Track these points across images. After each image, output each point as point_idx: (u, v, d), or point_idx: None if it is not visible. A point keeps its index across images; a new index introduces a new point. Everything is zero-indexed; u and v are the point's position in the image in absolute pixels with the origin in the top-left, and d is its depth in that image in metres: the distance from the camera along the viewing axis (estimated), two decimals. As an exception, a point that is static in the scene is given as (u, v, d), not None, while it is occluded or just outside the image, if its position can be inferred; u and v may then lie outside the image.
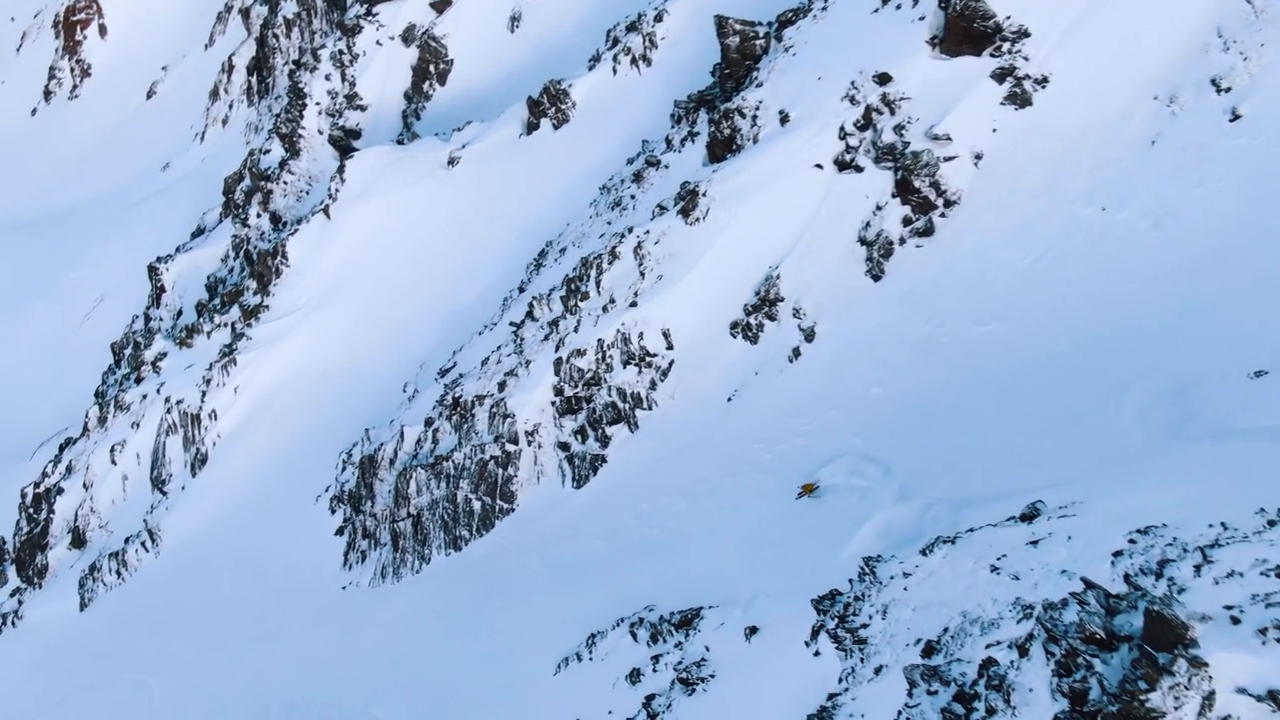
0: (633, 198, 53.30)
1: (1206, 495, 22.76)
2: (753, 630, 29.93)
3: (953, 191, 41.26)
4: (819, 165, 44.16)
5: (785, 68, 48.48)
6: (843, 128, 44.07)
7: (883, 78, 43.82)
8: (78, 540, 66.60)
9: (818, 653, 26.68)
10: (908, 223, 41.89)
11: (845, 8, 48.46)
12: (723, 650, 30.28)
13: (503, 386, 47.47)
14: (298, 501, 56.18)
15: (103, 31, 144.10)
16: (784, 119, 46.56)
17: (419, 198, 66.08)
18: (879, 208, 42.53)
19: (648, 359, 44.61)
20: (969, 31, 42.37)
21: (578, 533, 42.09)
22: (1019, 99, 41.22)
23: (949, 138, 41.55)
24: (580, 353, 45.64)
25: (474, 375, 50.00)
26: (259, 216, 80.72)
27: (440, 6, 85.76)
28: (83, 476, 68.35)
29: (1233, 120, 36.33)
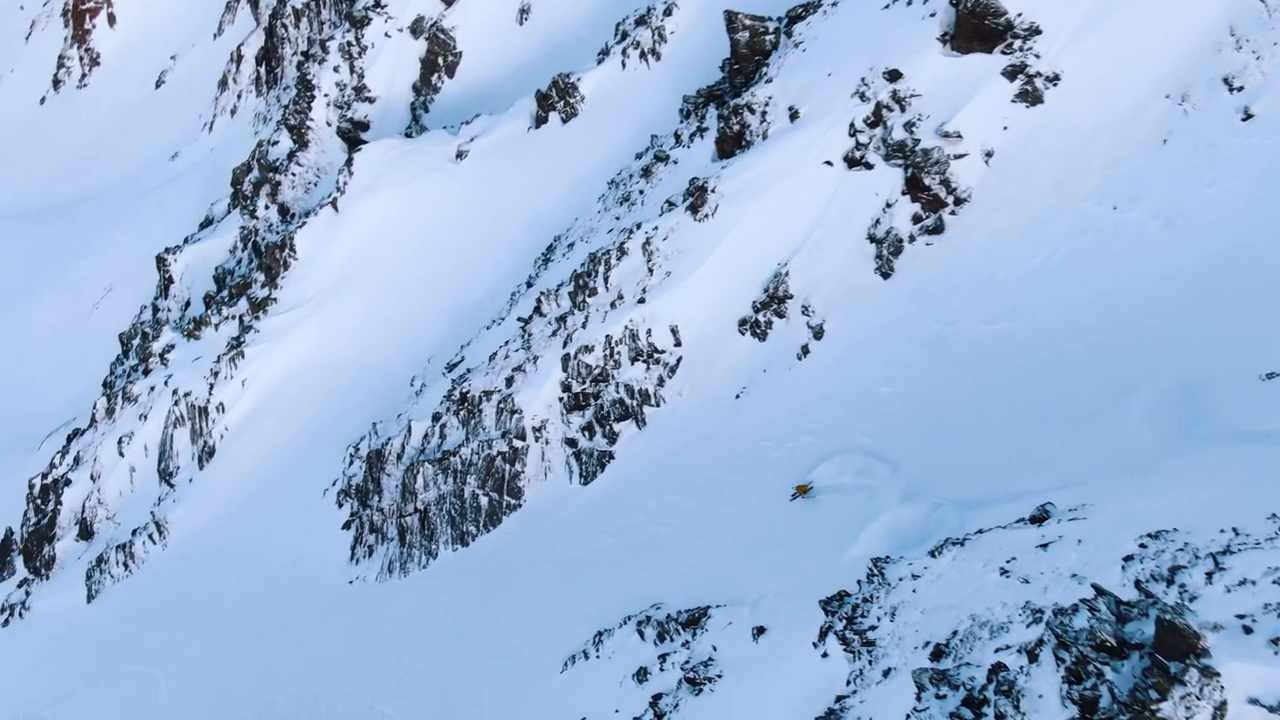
0: (641, 193, 53.18)
1: (1218, 499, 22.61)
2: (760, 630, 29.83)
3: (963, 189, 41.11)
4: (829, 162, 44.00)
5: (795, 63, 48.29)
6: (853, 124, 43.88)
7: (893, 74, 43.65)
8: (85, 532, 66.74)
9: (826, 654, 26.46)
10: (917, 220, 41.75)
11: (856, 4, 48.22)
12: (730, 650, 30.20)
13: (510, 382, 47.44)
14: (305, 495, 56.25)
15: (111, 20, 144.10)
16: (794, 115, 46.41)
17: (427, 191, 66.00)
18: (889, 205, 42.39)
19: (656, 356, 44.54)
20: (980, 28, 42.17)
21: (585, 529, 42.09)
22: (1030, 97, 41.02)
23: (959, 135, 41.38)
24: (588, 349, 45.58)
25: (481, 371, 49.99)
26: (267, 208, 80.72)
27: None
28: (90, 468, 68.48)
29: (1245, 120, 36.08)
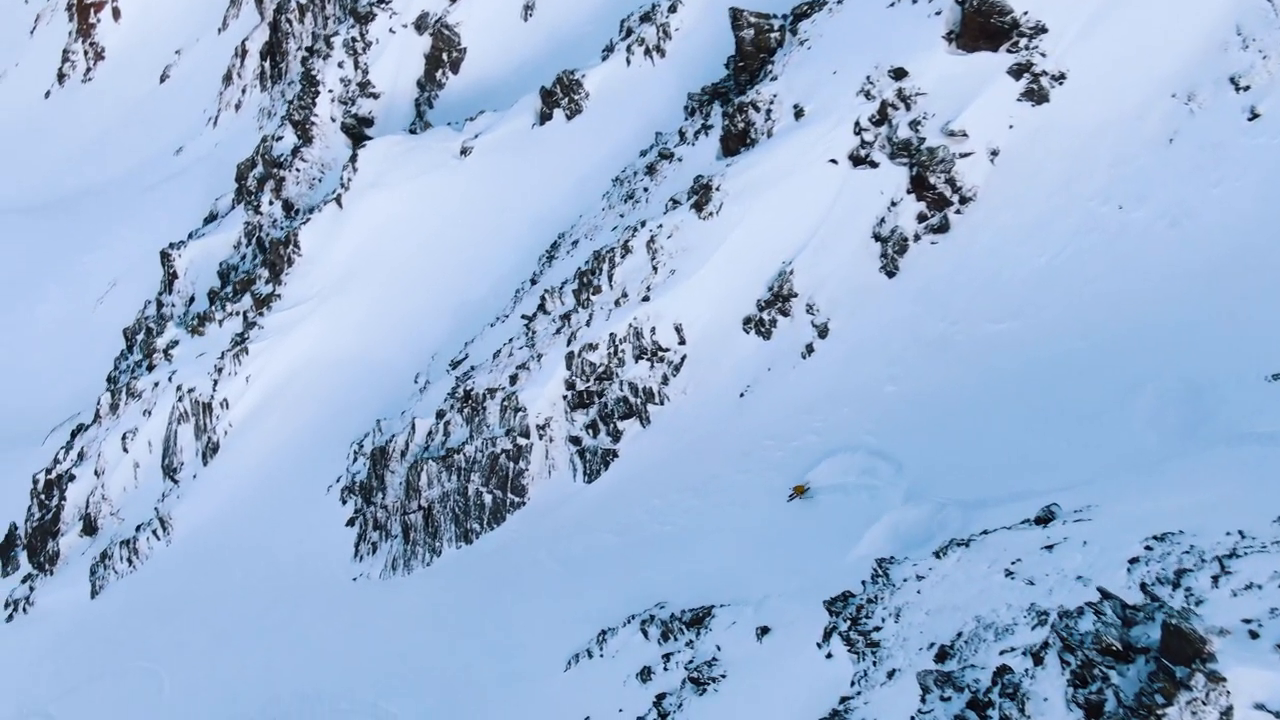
0: (645, 190, 53.10)
1: (1223, 501, 22.59)
2: (764, 630, 29.83)
3: (968, 188, 41.04)
4: (833, 160, 43.93)
5: (800, 61, 48.21)
6: (858, 123, 43.81)
7: (898, 73, 43.55)
8: (89, 527, 66.74)
9: (830, 655, 26.45)
10: (923, 219, 41.67)
11: (861, 1, 48.04)
12: (734, 650, 30.19)
13: (514, 380, 47.42)
14: (309, 492, 56.26)
15: (116, 14, 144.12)
16: (798, 113, 46.33)
17: (431, 188, 65.95)
18: (894, 204, 42.33)
19: (660, 354, 44.51)
20: (986, 27, 42.07)
21: (589, 528, 42.08)
22: (1036, 95, 40.94)
23: (965, 134, 41.31)
24: (592, 347, 45.56)
25: (485, 368, 49.98)
26: (271, 204, 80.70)
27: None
28: (94, 463, 68.45)
29: (1251, 119, 36.02)
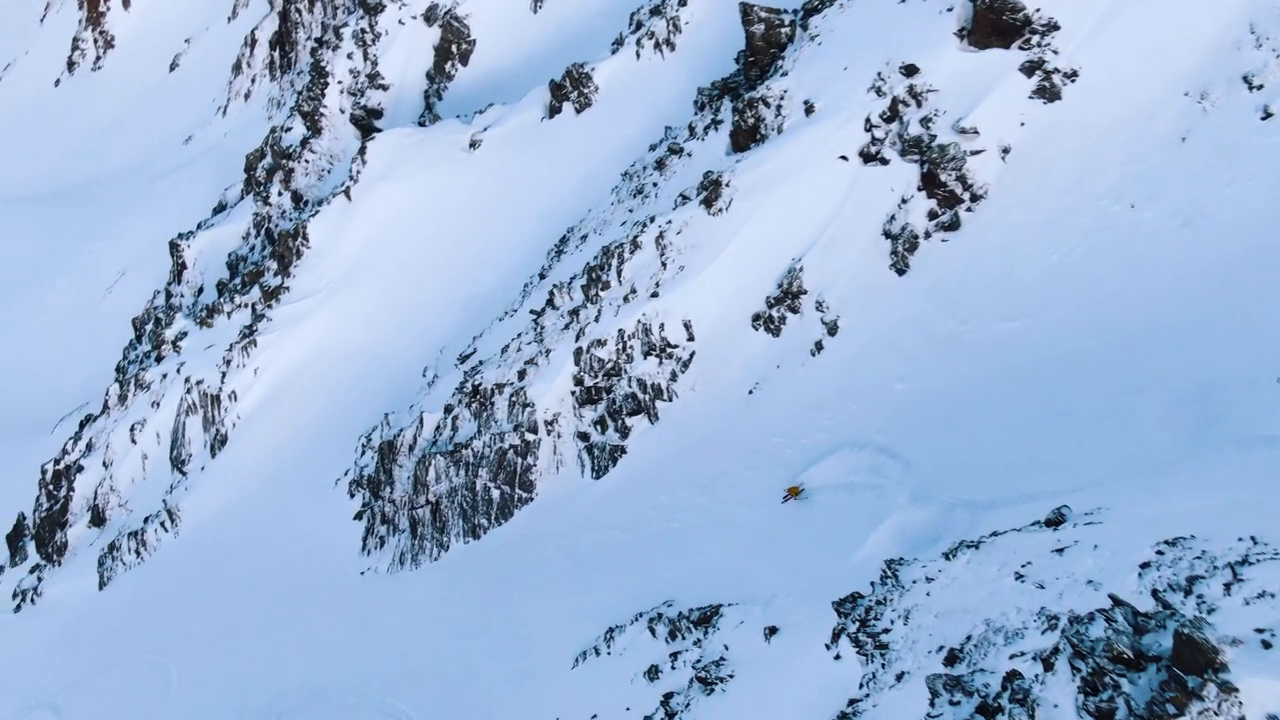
0: (655, 185, 53.00)
1: (1235, 505, 22.47)
2: (772, 630, 29.73)
3: (979, 185, 40.85)
4: (844, 157, 43.79)
5: (811, 57, 48.02)
6: (868, 119, 43.64)
7: (910, 69, 43.36)
8: (97, 518, 66.89)
9: (838, 656, 26.33)
10: (933, 216, 41.50)
11: (872, -4, 48.02)
12: (742, 650, 30.10)
13: (523, 375, 47.36)
14: (317, 485, 56.33)
15: (126, 2, 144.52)
16: (809, 109, 46.16)
17: (440, 180, 65.93)
18: (904, 201, 42.15)
19: (669, 350, 44.40)
20: (998, 24, 41.87)
21: (596, 524, 42.03)
22: (1048, 93, 40.72)
23: (976, 131, 41.10)
24: (601, 343, 45.48)
25: (494, 363, 49.92)
26: (280, 195, 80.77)
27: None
28: (103, 454, 68.62)
29: (1265, 119, 35.72)
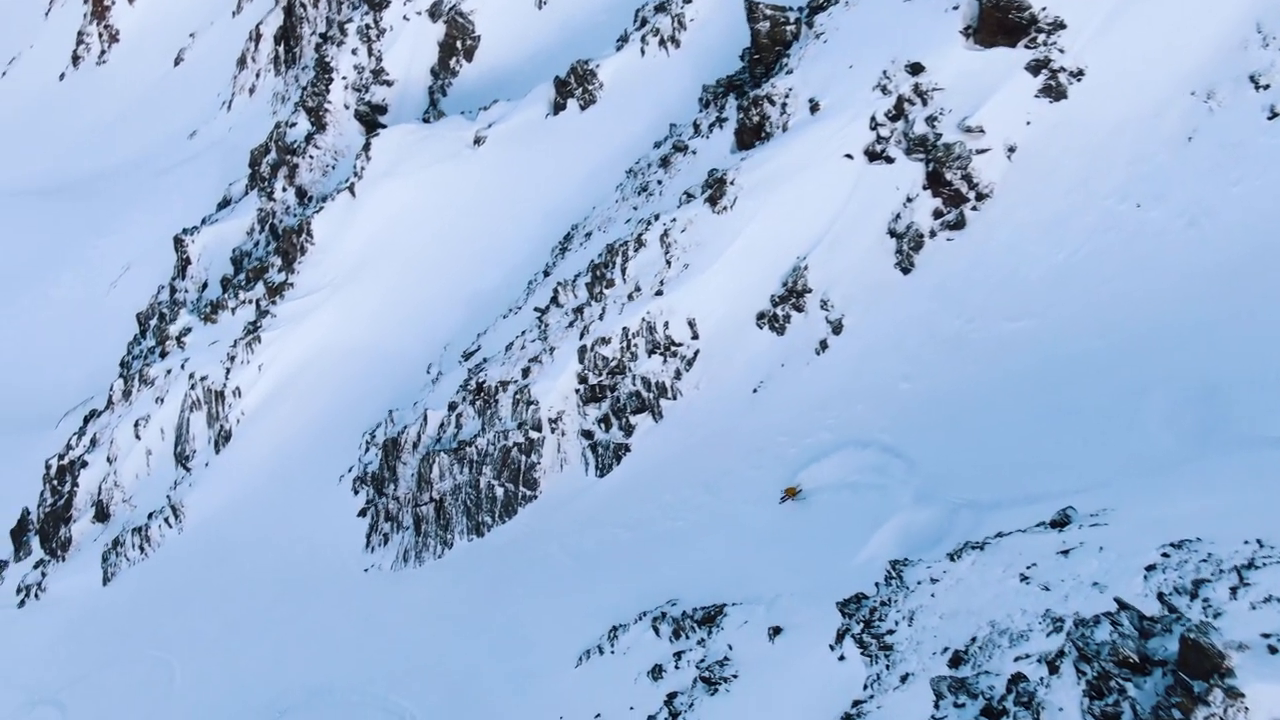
0: (659, 183, 52.93)
1: (1241, 507, 22.41)
2: (776, 630, 29.70)
3: (985, 184, 40.76)
4: (849, 155, 43.71)
5: (816, 55, 47.92)
6: (874, 118, 43.56)
7: (915, 67, 43.27)
8: (101, 514, 66.92)
9: (843, 657, 26.29)
10: (938, 215, 41.41)
11: (878, -6, 47.90)
12: (746, 650, 30.08)
13: (526, 373, 47.33)
14: (321, 481, 56.33)
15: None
16: (814, 107, 46.07)
17: (445, 177, 65.87)
18: (909, 200, 42.07)
19: (673, 348, 44.36)
20: (1004, 22, 41.76)
21: (600, 522, 42.02)
22: (1054, 92, 40.62)
23: (982, 130, 41.01)
24: (605, 341, 45.44)
25: (498, 360, 49.89)
26: (284, 190, 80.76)
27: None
28: (107, 450, 68.65)
29: (1271, 118, 35.61)
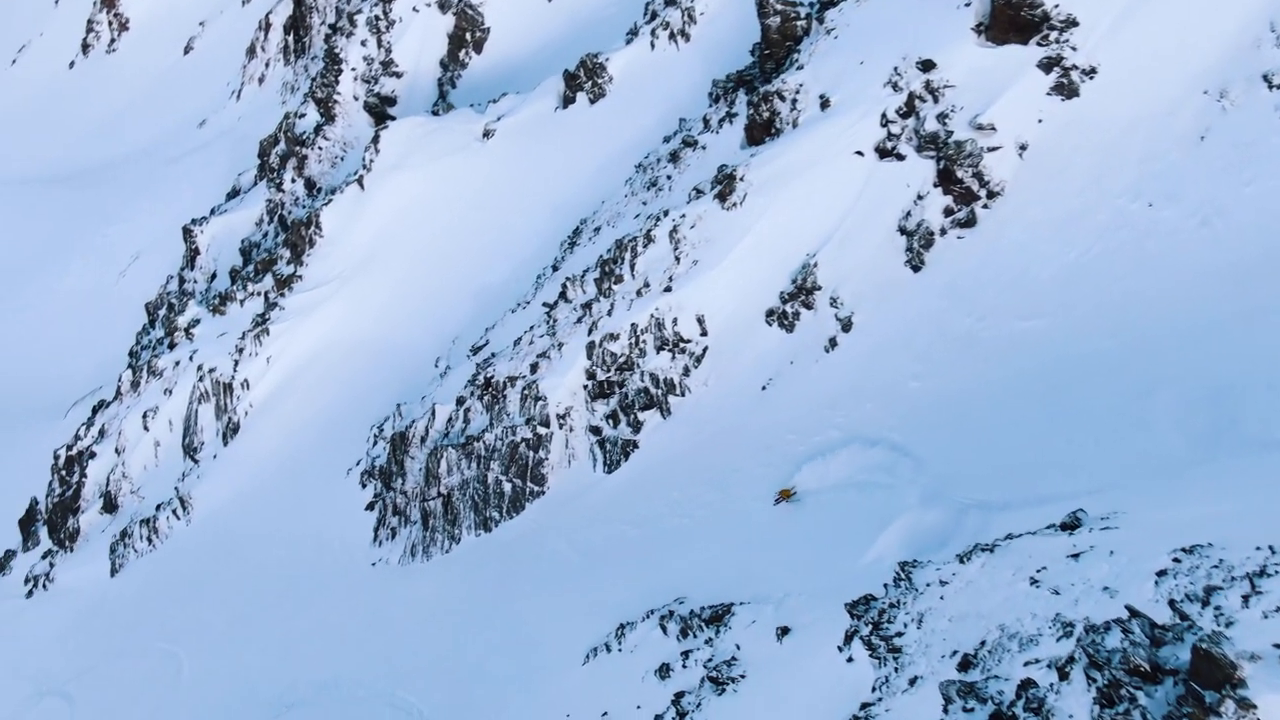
0: (669, 178, 52.79)
1: (1252, 512, 22.34)
2: (784, 631, 29.63)
3: (996, 182, 40.62)
4: (859, 152, 43.56)
5: (827, 51, 47.76)
6: (885, 114, 43.41)
7: (926, 64, 43.12)
8: (109, 505, 66.94)
9: (851, 659, 26.24)
10: (949, 213, 41.29)
11: (889, -10, 47.72)
12: (754, 650, 30.02)
13: (535, 368, 47.28)
14: (329, 474, 56.31)
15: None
16: (824, 103, 45.91)
17: (454, 170, 65.79)
18: (920, 197, 41.93)
19: (682, 345, 44.27)
20: (1016, 19, 41.60)
21: (608, 518, 41.98)
22: (1066, 89, 40.47)
23: (993, 127, 40.87)
24: (613, 337, 45.36)
25: (506, 355, 49.84)
26: (293, 181, 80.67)
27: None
28: (115, 441, 68.63)
29: (1285, 118, 35.58)
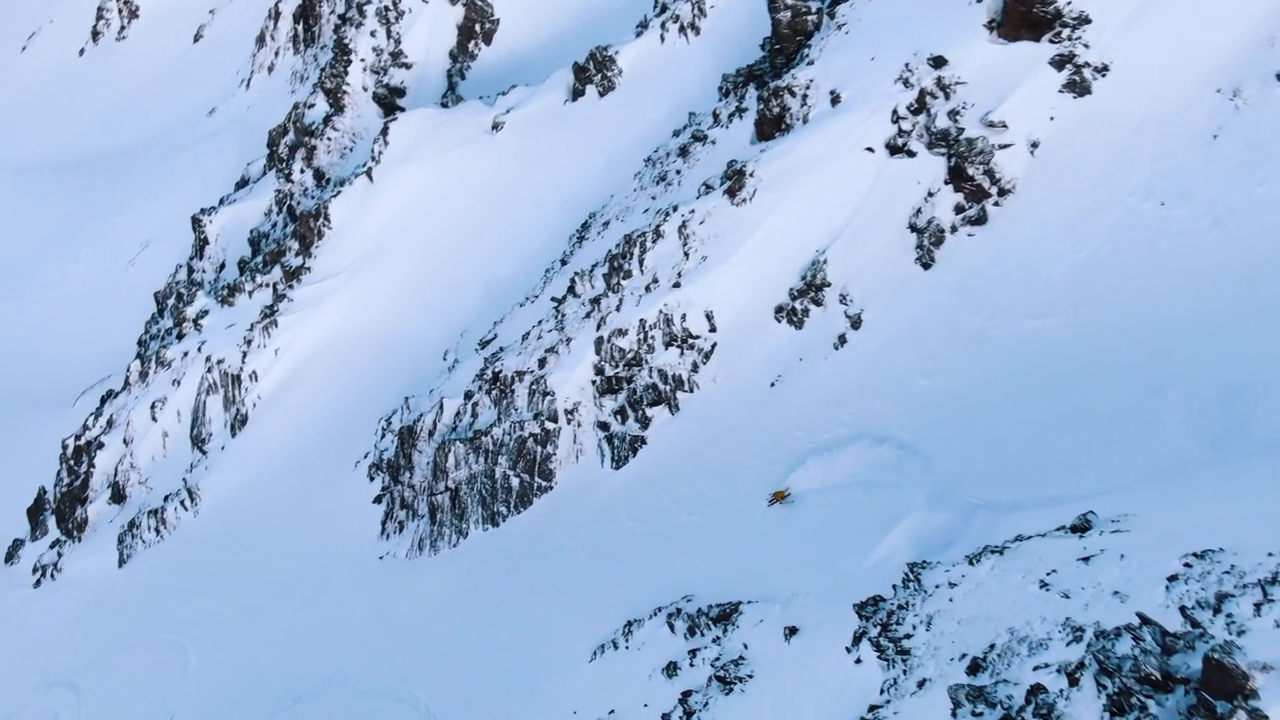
0: (678, 173, 52.69)
1: (1264, 516, 22.20)
2: (792, 631, 29.55)
3: (1007, 180, 40.44)
4: (870, 149, 43.40)
5: (838, 46, 47.59)
6: (895, 111, 43.24)
7: (938, 60, 42.93)
8: (117, 495, 67.12)
9: (859, 660, 26.16)
10: (960, 210, 41.13)
11: (901, -15, 47.50)
12: (761, 649, 29.95)
13: (543, 363, 47.21)
14: (336, 467, 56.37)
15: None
16: (835, 99, 45.75)
17: (462, 163, 65.75)
18: (931, 194, 41.77)
19: (690, 341, 44.19)
20: (1028, 16, 41.37)
21: (615, 514, 41.93)
22: (1078, 87, 40.26)
23: (1005, 125, 40.68)
24: (622, 332, 45.28)
25: (514, 350, 49.79)
26: (302, 172, 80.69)
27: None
28: (123, 432, 68.83)
29: (1299, 117, 35.36)
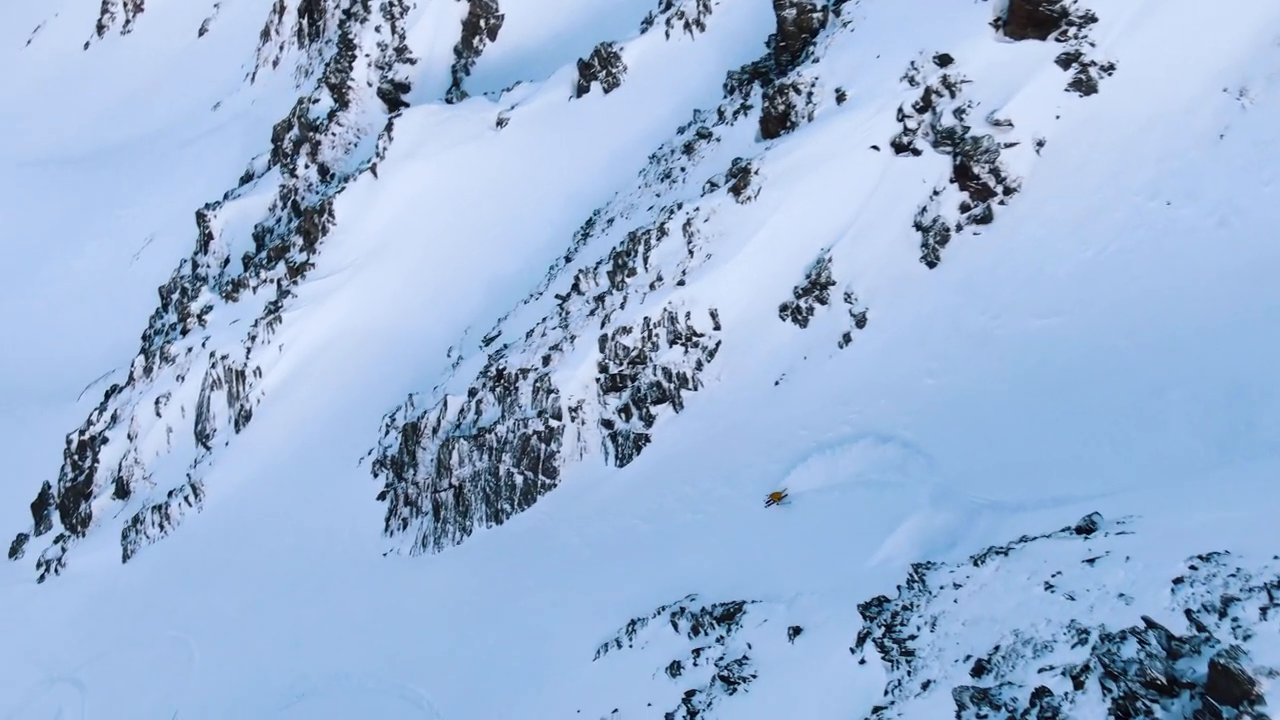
0: (683, 170, 52.61)
1: (1270, 518, 22.21)
2: (796, 630, 29.53)
3: (1013, 179, 40.37)
4: (875, 147, 43.32)
5: (843, 44, 47.50)
6: (901, 109, 43.16)
7: (944, 59, 42.84)
8: (121, 490, 67.12)
9: (863, 661, 26.17)
10: (965, 209, 41.07)
11: (906, -17, 47.41)
12: (765, 649, 29.92)
13: (547, 361, 47.18)
14: (340, 463, 56.36)
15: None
16: (840, 97, 45.67)
17: (467, 159, 65.70)
18: (936, 193, 41.71)
19: (694, 339, 44.15)
20: (1034, 14, 41.29)
21: (619, 512, 41.92)
22: (1084, 86, 40.18)
23: (1010, 123, 40.62)
24: (626, 330, 45.24)
25: (518, 347, 49.75)
26: (307, 167, 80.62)
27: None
28: (127, 427, 68.81)
29: (1306, 117, 35.29)
